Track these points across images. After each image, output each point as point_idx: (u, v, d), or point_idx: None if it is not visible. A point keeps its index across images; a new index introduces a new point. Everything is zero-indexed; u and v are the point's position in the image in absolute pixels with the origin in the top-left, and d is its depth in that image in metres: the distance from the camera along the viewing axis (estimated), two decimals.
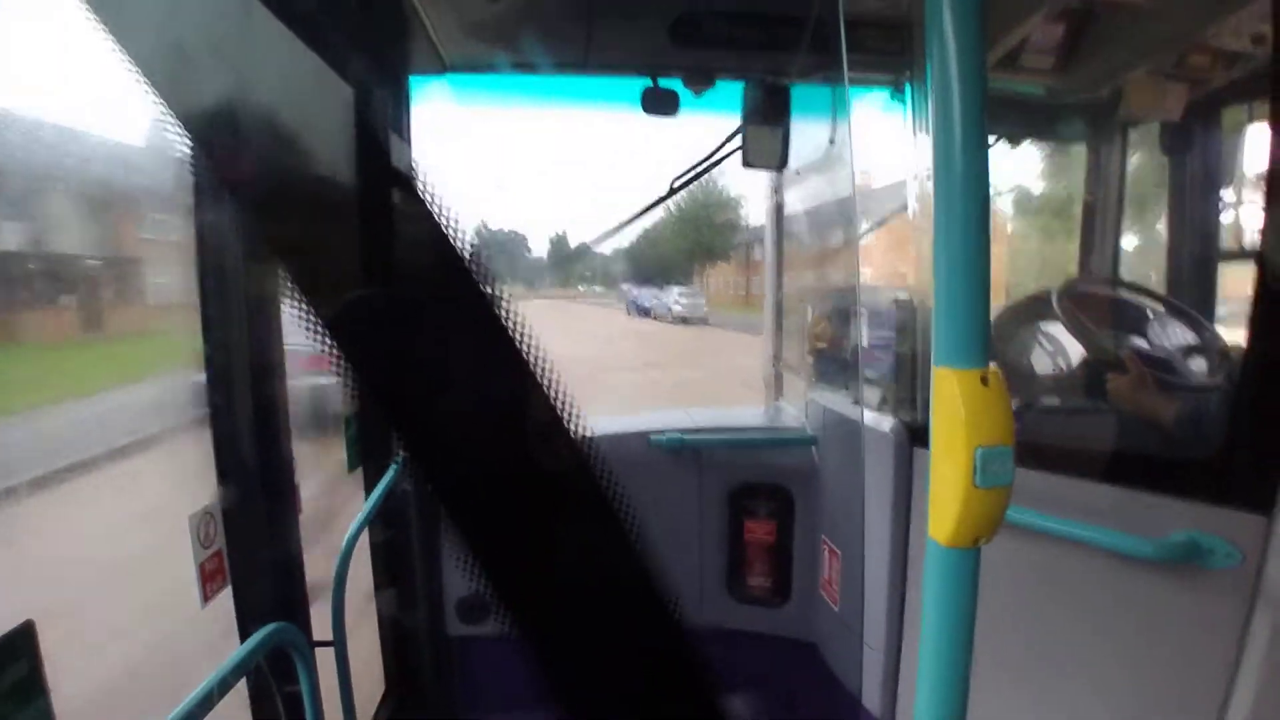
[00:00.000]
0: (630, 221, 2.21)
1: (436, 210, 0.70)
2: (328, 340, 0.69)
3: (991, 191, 0.55)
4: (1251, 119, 1.81)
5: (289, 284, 0.71)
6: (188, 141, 0.70)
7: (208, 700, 0.93)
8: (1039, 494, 1.25)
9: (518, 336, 0.70)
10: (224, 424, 1.27)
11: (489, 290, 0.70)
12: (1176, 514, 1.12)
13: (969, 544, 0.52)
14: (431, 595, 1.94)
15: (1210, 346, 1.69)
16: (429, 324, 0.73)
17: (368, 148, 0.70)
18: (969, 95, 0.53)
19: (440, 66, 1.89)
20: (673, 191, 2.10)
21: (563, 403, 0.71)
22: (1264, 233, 1.14)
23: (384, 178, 0.71)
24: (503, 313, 0.70)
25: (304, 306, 0.70)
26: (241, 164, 0.70)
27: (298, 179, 0.71)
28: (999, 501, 0.52)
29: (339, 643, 1.46)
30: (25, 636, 0.76)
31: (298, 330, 0.71)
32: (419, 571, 1.89)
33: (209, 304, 1.25)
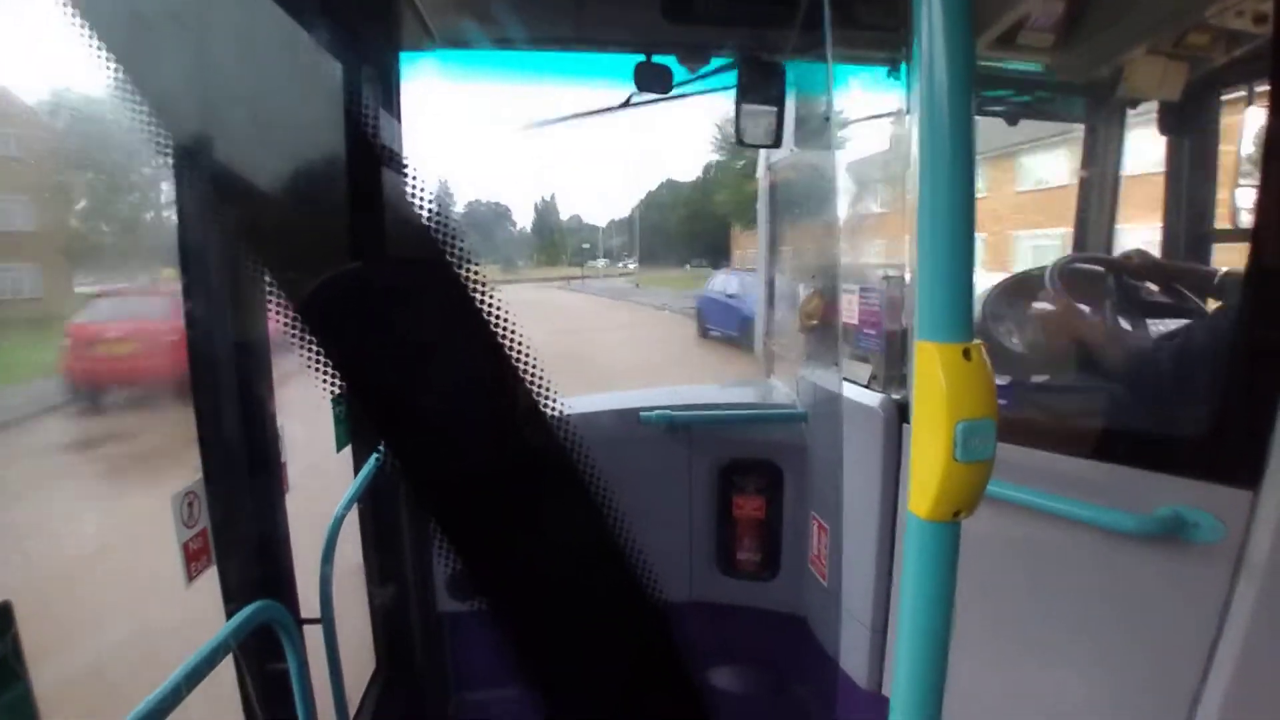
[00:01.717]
0: None
1: (420, 190, 0.69)
2: (304, 320, 0.68)
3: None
4: (1250, 99, 1.80)
5: (272, 262, 0.70)
6: (169, 117, 0.69)
7: (191, 679, 0.93)
8: (1027, 469, 1.25)
9: (495, 319, 0.70)
10: (207, 402, 1.26)
11: (468, 273, 0.70)
12: (1162, 489, 1.13)
13: (949, 518, 0.52)
14: (421, 572, 1.95)
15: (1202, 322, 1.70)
16: (407, 305, 0.72)
17: (355, 124, 0.69)
18: (955, 70, 0.52)
19: (429, 42, 1.86)
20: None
21: (538, 385, 0.70)
22: (1255, 211, 1.14)
23: (372, 154, 0.70)
24: (480, 295, 0.70)
25: (285, 285, 0.69)
26: (225, 140, 0.69)
27: (283, 155, 0.70)
28: (980, 476, 0.51)
29: (327, 620, 1.46)
30: (3, 615, 0.75)
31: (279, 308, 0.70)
32: (408, 548, 1.89)
33: (191, 281, 1.24)
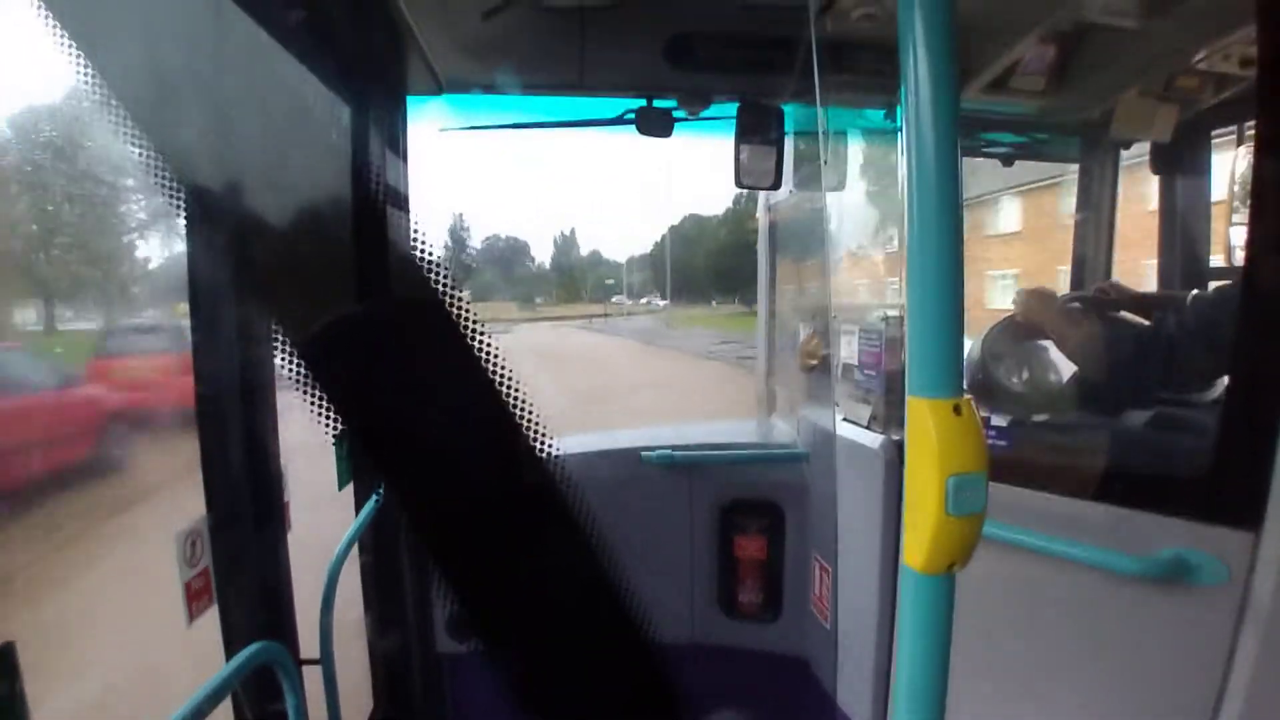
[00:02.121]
0: None
1: (423, 233, 0.71)
2: (307, 360, 0.69)
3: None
4: (1239, 140, 1.83)
5: (278, 304, 0.72)
6: (180, 160, 0.70)
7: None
8: (1028, 511, 1.25)
9: (492, 363, 0.71)
10: (213, 441, 1.27)
11: (468, 316, 0.71)
12: (1165, 531, 1.12)
13: (942, 571, 0.53)
14: (421, 612, 1.93)
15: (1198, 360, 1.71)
16: (409, 347, 0.73)
17: (362, 168, 0.71)
18: (941, 120, 0.54)
19: (436, 87, 1.90)
20: None
21: (534, 427, 0.71)
22: (1246, 249, 1.15)
23: (378, 198, 0.72)
24: (481, 338, 0.71)
25: (291, 326, 0.70)
26: (234, 183, 0.71)
27: (291, 199, 0.72)
28: (971, 529, 0.52)
29: (326, 661, 1.45)
30: (5, 657, 0.76)
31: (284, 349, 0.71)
32: (408, 588, 1.88)
33: (199, 320, 1.26)
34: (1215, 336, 1.20)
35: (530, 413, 0.72)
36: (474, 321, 0.71)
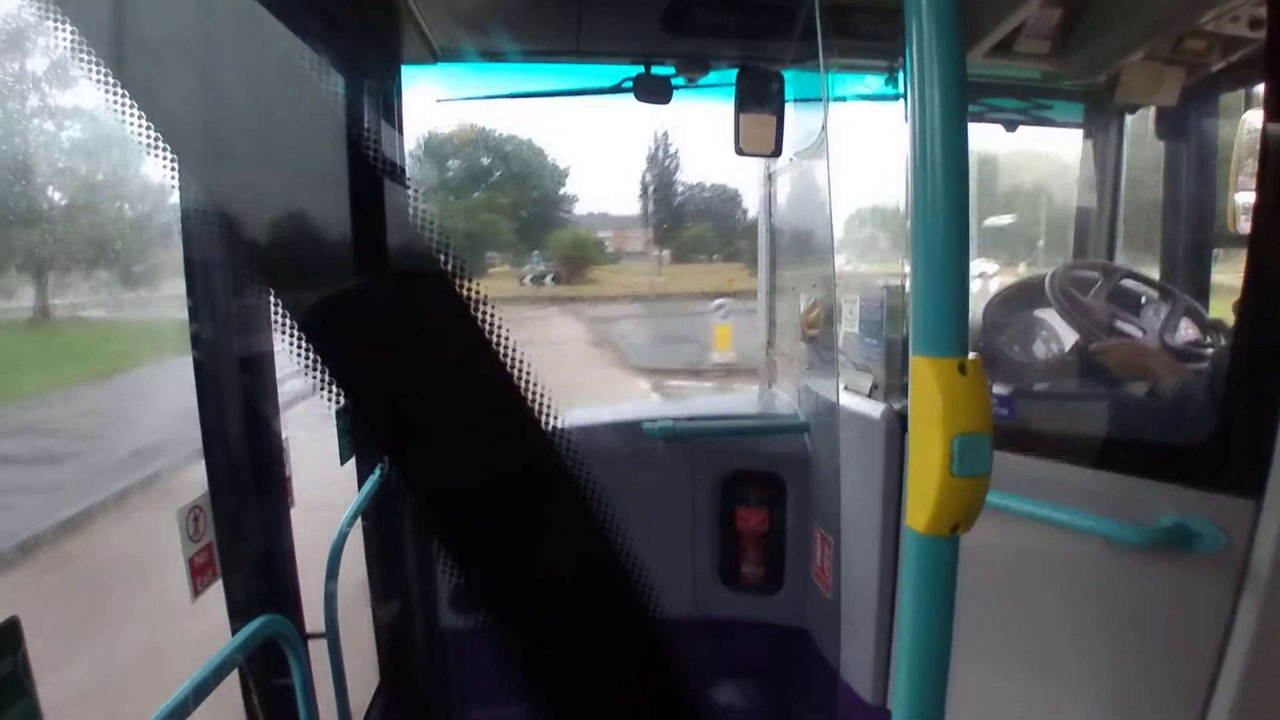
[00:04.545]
0: None
1: (417, 204, 0.70)
2: (307, 335, 0.68)
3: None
4: (1247, 104, 1.81)
5: (276, 278, 0.71)
6: (173, 135, 0.69)
7: (197, 694, 0.93)
8: (1029, 479, 1.25)
9: (494, 333, 0.70)
10: (213, 415, 1.27)
11: (468, 286, 0.70)
12: (1165, 499, 1.12)
13: (946, 532, 0.52)
14: (425, 587, 1.94)
15: (1203, 331, 1.71)
16: (409, 320, 0.72)
17: (358, 137, 0.70)
18: (948, 81, 0.52)
19: (430, 55, 1.87)
20: None
21: (539, 399, 0.71)
22: (1253, 218, 1.14)
23: (374, 167, 0.71)
24: (480, 309, 0.70)
25: (289, 301, 0.69)
26: (229, 157, 0.70)
27: (288, 172, 0.71)
28: (977, 490, 0.51)
29: (331, 635, 1.46)
30: (9, 633, 0.76)
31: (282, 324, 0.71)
32: (412, 563, 1.89)
33: (196, 293, 1.25)
34: None
35: (532, 384, 0.72)
36: (470, 294, 0.70)
